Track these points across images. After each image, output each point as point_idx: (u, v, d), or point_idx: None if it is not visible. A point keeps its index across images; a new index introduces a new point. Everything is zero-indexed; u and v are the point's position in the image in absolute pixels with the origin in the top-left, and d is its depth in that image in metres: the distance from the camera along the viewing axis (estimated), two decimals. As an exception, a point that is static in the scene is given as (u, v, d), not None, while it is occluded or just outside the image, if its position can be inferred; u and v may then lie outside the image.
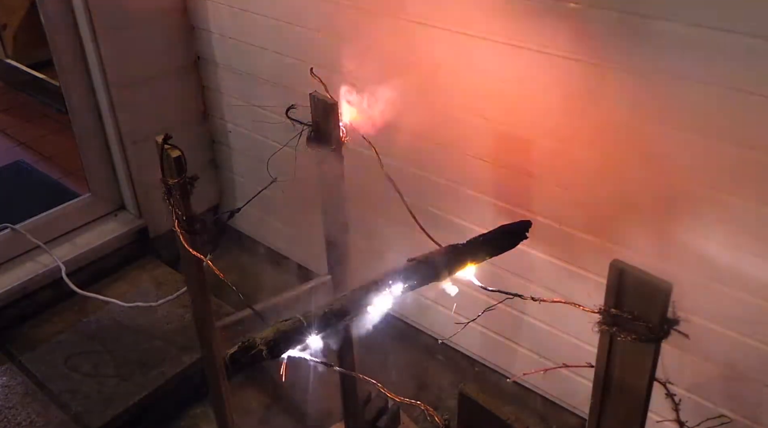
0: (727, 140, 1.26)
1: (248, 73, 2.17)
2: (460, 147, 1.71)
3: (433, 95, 1.69)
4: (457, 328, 1.60)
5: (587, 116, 1.44)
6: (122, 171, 2.29)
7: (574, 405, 1.83)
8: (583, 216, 1.56)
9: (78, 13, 2.04)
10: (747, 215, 1.30)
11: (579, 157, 1.49)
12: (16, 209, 2.37)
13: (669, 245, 1.43)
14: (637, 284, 0.84)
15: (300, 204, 2.23)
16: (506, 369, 1.95)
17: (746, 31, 1.17)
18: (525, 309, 1.80)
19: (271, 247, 2.50)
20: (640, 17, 1.28)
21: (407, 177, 1.80)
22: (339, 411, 1.75)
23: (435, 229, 1.25)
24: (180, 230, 1.20)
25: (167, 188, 1.17)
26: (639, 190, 1.43)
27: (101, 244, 2.27)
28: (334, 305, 1.06)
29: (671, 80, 1.29)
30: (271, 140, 2.18)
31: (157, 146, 1.15)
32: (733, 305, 1.38)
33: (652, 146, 1.37)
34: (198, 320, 1.39)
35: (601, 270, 0.88)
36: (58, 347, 2.02)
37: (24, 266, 2.15)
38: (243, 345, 0.96)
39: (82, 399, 1.85)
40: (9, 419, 1.79)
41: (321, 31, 1.87)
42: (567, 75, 1.43)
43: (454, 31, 1.57)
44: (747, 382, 1.44)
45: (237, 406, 1.87)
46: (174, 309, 2.15)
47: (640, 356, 0.88)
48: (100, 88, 2.15)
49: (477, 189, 1.73)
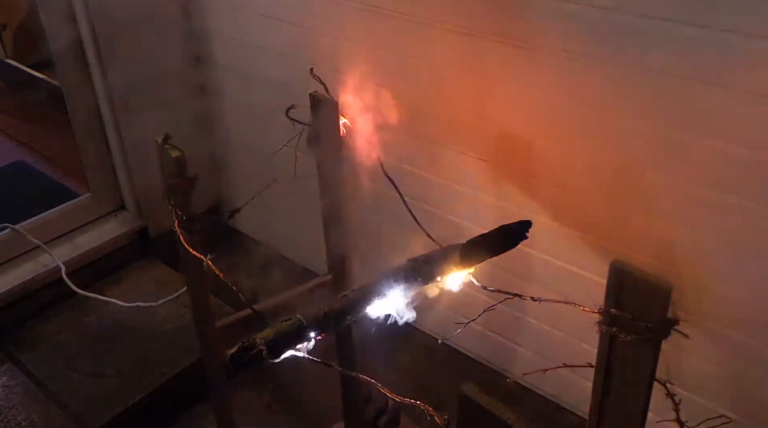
0: (734, 143, 1.26)
1: (248, 73, 2.17)
2: (460, 147, 1.71)
3: (433, 95, 1.69)
4: (457, 328, 1.60)
5: (588, 116, 1.44)
6: (122, 171, 2.29)
7: (574, 405, 1.83)
8: (583, 216, 1.56)
9: (78, 13, 2.04)
10: (748, 215, 1.30)
11: (579, 157, 1.49)
12: (16, 209, 2.36)
13: (669, 245, 1.43)
14: (637, 284, 0.84)
15: (300, 204, 2.23)
16: (506, 369, 1.95)
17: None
18: (525, 309, 1.80)
19: (271, 247, 2.50)
20: (633, 16, 1.28)
21: (407, 177, 1.81)
22: (339, 411, 1.75)
23: (435, 229, 1.25)
24: (180, 230, 1.20)
25: (167, 188, 1.18)
26: (639, 190, 1.43)
27: (101, 244, 2.27)
28: (334, 306, 1.06)
29: (677, 82, 1.29)
30: (271, 140, 2.18)
31: (157, 146, 1.15)
32: (734, 305, 1.38)
33: (652, 146, 1.37)
34: (198, 320, 1.39)
35: (601, 270, 0.88)
36: (58, 347, 2.02)
37: (24, 266, 2.15)
38: (243, 345, 0.96)
39: (82, 399, 1.85)
40: (9, 419, 1.79)
41: (321, 30, 1.87)
42: (567, 75, 1.43)
43: (453, 31, 1.57)
44: (747, 382, 1.44)
45: (237, 406, 1.87)
46: (174, 309, 2.15)
47: (640, 356, 0.88)
48: (100, 89, 2.15)
49: (477, 189, 1.73)
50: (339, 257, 1.46)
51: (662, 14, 1.25)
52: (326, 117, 1.26)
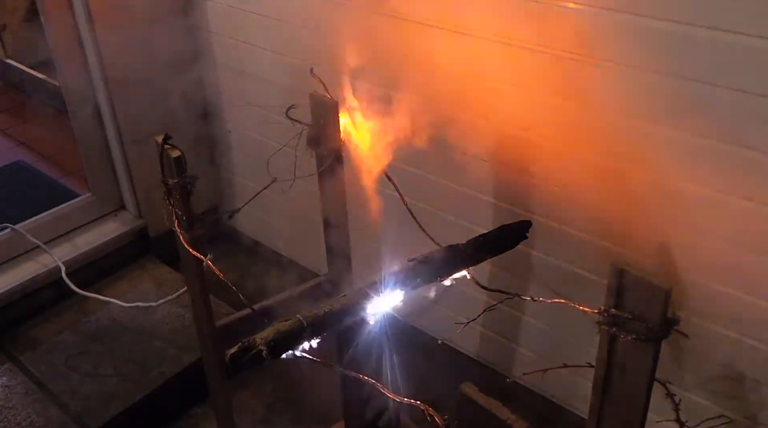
0: (737, 143, 1.26)
1: (248, 73, 2.17)
2: (460, 147, 1.71)
3: (433, 94, 1.69)
4: (457, 328, 1.60)
5: (587, 116, 1.44)
6: (122, 171, 2.29)
7: (574, 405, 1.83)
8: (583, 216, 1.55)
9: (78, 12, 2.04)
10: (748, 215, 1.29)
11: (579, 157, 1.49)
12: (16, 209, 2.37)
13: (669, 245, 1.43)
14: (637, 284, 0.84)
15: (300, 204, 2.23)
16: (506, 369, 1.95)
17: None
18: (525, 309, 1.80)
19: (271, 247, 2.50)
20: (635, 16, 1.28)
21: (407, 177, 1.81)
22: (339, 411, 1.75)
23: (435, 229, 1.25)
24: (180, 230, 1.20)
25: (167, 188, 1.18)
26: (639, 190, 1.43)
27: (101, 244, 2.27)
28: (334, 306, 1.06)
29: (677, 81, 1.29)
30: (271, 140, 2.18)
31: (157, 146, 1.15)
32: (734, 305, 1.38)
33: (652, 146, 1.37)
34: (198, 320, 1.39)
35: (601, 270, 0.88)
36: (58, 347, 2.02)
37: (24, 266, 2.15)
38: (243, 345, 0.97)
39: (82, 399, 1.85)
40: (9, 419, 1.79)
41: (321, 30, 1.86)
42: (568, 74, 1.43)
43: (453, 31, 1.57)
44: (747, 382, 1.44)
45: (237, 406, 1.87)
46: (174, 309, 2.15)
47: (640, 356, 0.88)
48: (99, 88, 2.15)
49: (477, 189, 1.73)
50: (339, 257, 1.46)
51: (665, 15, 1.25)
52: (326, 117, 1.26)
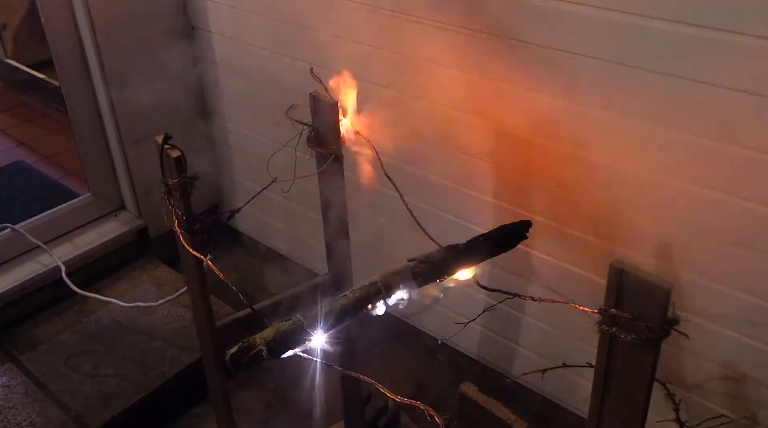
0: (736, 143, 1.26)
1: (248, 73, 2.17)
2: (459, 147, 1.71)
3: (433, 95, 1.69)
4: (457, 328, 1.60)
5: (587, 116, 1.44)
6: (122, 171, 2.29)
7: (574, 405, 1.83)
8: (583, 216, 1.56)
9: (78, 12, 2.04)
10: (748, 215, 1.30)
11: (579, 157, 1.49)
12: (16, 209, 2.37)
13: (669, 245, 1.43)
14: (637, 284, 0.84)
15: (300, 204, 2.23)
16: (506, 369, 1.95)
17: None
18: (525, 309, 1.80)
19: (271, 247, 2.50)
20: (631, 16, 1.28)
21: (407, 177, 1.81)
22: (339, 411, 1.75)
23: (435, 229, 1.25)
24: (180, 230, 1.20)
25: (167, 188, 1.17)
26: (640, 190, 1.43)
27: (101, 244, 2.27)
28: (334, 306, 1.06)
29: (677, 81, 1.29)
30: (271, 140, 2.18)
31: (157, 145, 1.15)
32: (734, 305, 1.38)
33: (652, 146, 1.37)
34: (198, 320, 1.39)
35: (601, 270, 0.88)
36: (58, 347, 2.02)
37: (24, 266, 2.15)
38: (243, 345, 0.97)
39: (82, 399, 1.85)
40: (9, 419, 1.79)
41: (321, 30, 1.86)
42: (567, 75, 1.43)
43: (454, 31, 1.57)
44: (747, 382, 1.44)
45: (237, 406, 1.87)
46: (174, 309, 2.15)
47: (640, 356, 0.88)
48: (100, 88, 2.15)
49: (477, 189, 1.73)
50: (339, 257, 1.46)
51: (657, 14, 1.25)
52: (326, 117, 1.26)
